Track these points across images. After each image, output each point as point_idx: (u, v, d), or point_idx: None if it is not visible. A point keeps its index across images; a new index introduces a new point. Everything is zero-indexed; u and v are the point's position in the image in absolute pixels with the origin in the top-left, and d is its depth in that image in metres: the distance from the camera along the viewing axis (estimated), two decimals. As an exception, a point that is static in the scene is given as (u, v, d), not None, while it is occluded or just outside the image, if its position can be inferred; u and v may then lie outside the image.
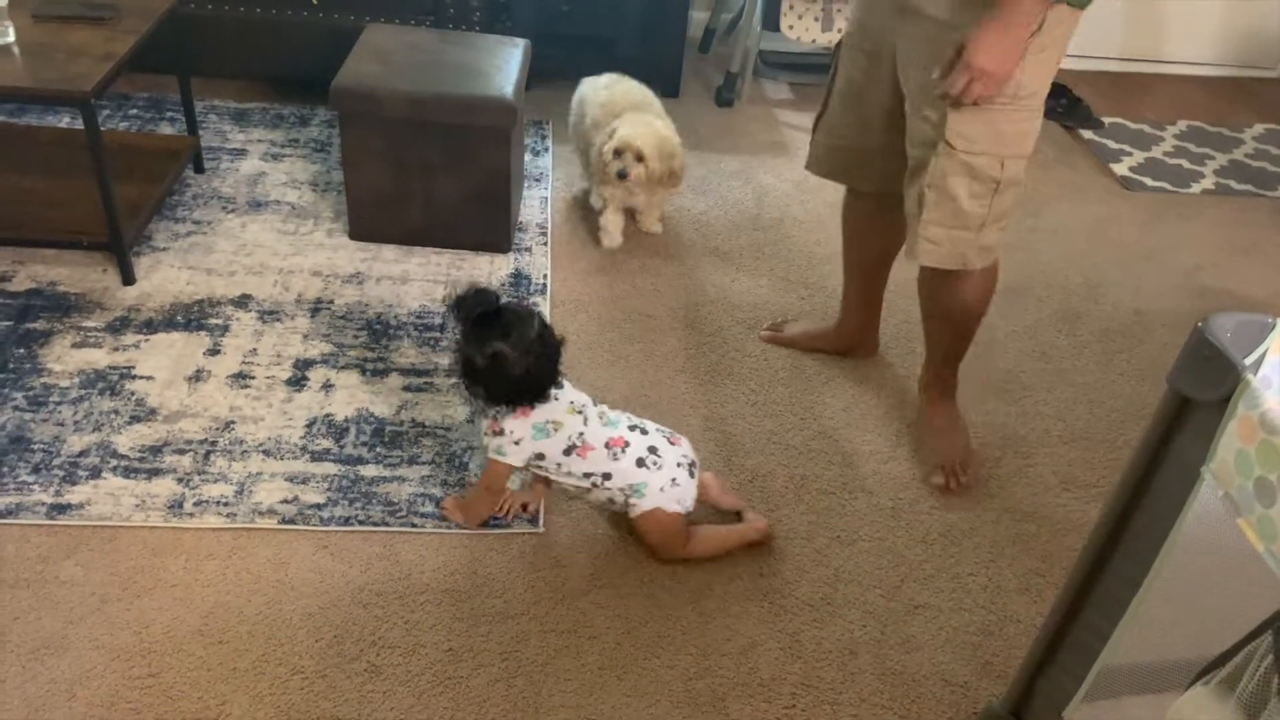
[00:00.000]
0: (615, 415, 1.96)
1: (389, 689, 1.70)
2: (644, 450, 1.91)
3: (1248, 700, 1.08)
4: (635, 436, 1.92)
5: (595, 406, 1.94)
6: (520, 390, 1.82)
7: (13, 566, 1.82)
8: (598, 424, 1.90)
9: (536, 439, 1.85)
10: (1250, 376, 1.11)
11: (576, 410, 1.89)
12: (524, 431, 1.85)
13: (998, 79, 1.76)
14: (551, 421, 1.85)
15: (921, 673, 1.82)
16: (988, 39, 1.72)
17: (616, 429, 1.92)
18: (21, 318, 2.35)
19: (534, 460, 1.88)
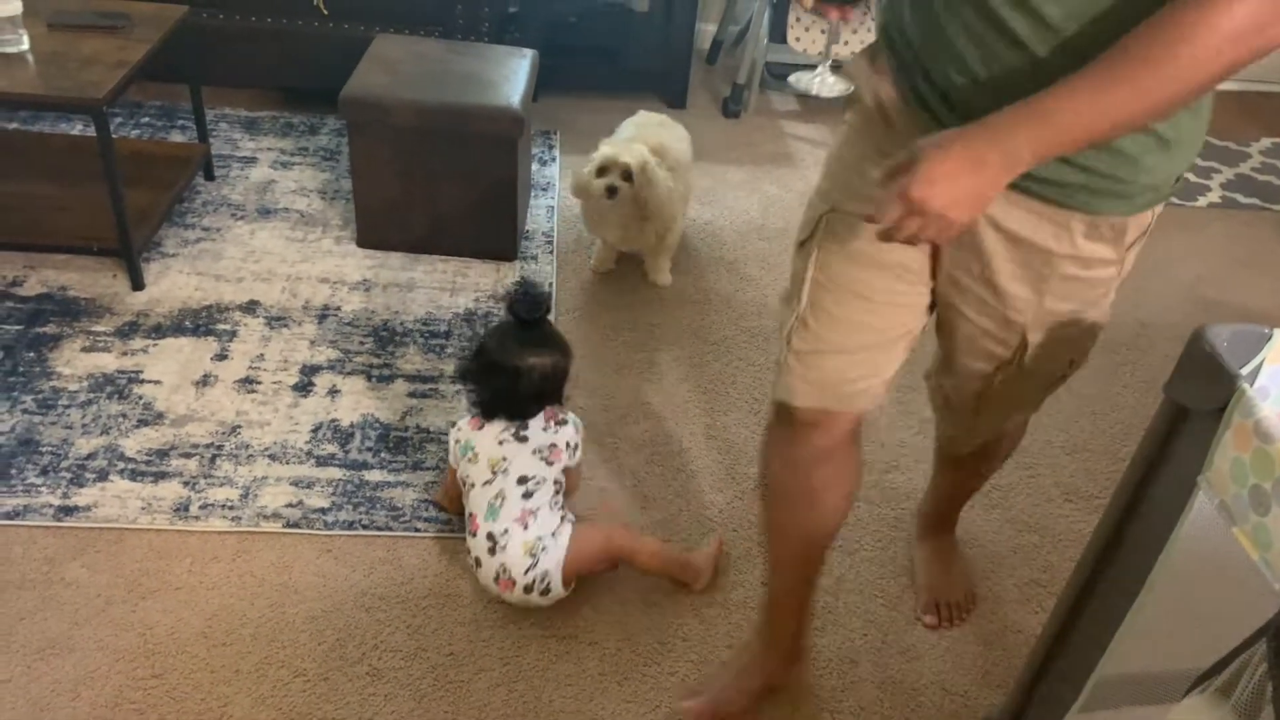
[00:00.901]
0: (509, 508, 1.80)
1: (390, 692, 1.71)
2: (484, 541, 1.81)
3: (1243, 708, 1.08)
4: (483, 539, 1.80)
5: (513, 486, 1.81)
6: (494, 404, 1.85)
7: (19, 567, 1.84)
8: (486, 495, 1.81)
9: (461, 453, 1.88)
10: (1246, 386, 1.12)
11: (493, 469, 1.83)
12: (462, 436, 1.89)
13: (949, 227, 1.12)
14: (472, 450, 1.86)
15: (922, 682, 1.83)
16: (948, 165, 1.08)
17: (487, 516, 1.80)
18: (32, 322, 2.38)
19: (463, 478, 1.90)
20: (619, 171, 2.51)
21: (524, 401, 1.85)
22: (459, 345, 2.48)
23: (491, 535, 1.80)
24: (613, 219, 2.62)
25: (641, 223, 2.61)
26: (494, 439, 1.84)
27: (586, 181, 2.54)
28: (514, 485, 1.81)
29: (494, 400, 1.85)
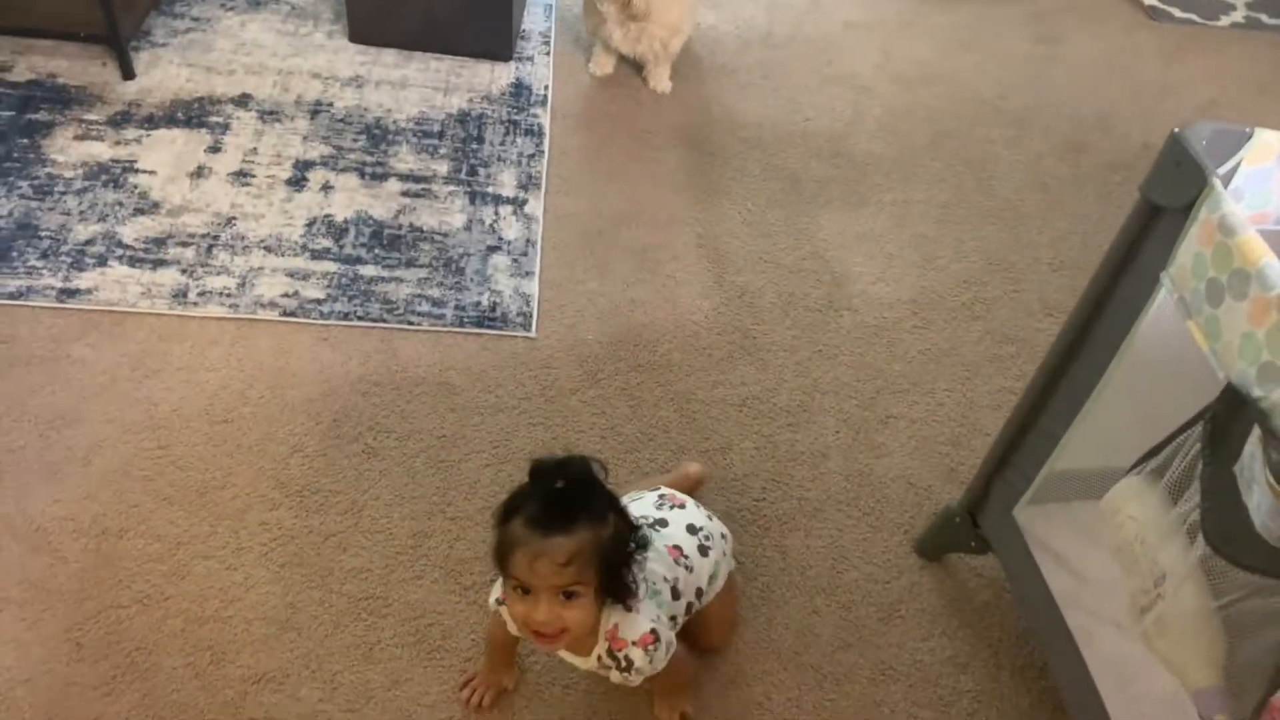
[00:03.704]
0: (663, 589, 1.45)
1: (384, 469, 1.80)
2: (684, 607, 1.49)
3: (1173, 485, 1.16)
4: (686, 537, 1.53)
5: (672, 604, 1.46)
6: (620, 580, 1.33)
7: (27, 345, 1.90)
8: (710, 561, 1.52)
9: (665, 607, 1.43)
10: (1215, 181, 1.13)
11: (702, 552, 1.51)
12: (653, 613, 1.39)
13: None
14: (650, 584, 1.42)
15: (889, 476, 1.92)
16: None
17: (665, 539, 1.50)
18: (24, 108, 2.36)
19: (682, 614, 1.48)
20: None
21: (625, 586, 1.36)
22: (452, 147, 2.46)
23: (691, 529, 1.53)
24: (613, 18, 2.55)
25: (641, 23, 2.54)
26: (661, 572, 1.46)
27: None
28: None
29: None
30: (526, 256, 2.22)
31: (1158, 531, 1.16)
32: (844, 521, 1.84)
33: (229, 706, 1.49)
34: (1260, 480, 1.02)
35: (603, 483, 1.30)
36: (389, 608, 1.62)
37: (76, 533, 1.65)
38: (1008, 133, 2.80)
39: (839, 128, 2.72)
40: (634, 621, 1.35)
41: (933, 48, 3.09)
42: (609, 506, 1.29)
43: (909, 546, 1.82)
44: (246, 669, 1.53)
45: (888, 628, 1.71)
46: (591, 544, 1.24)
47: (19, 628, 1.53)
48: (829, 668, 1.64)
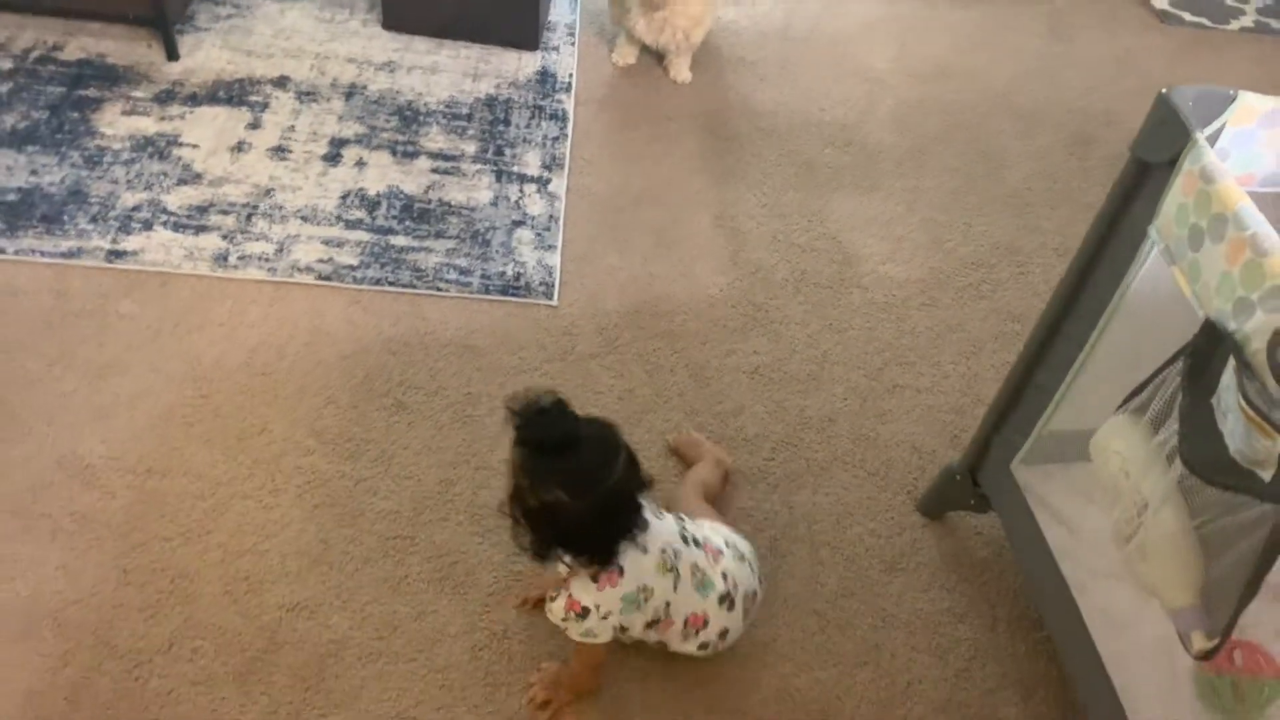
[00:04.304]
0: (703, 562, 1.53)
1: (413, 421, 1.90)
2: (717, 630, 1.56)
3: (1155, 418, 1.23)
4: (716, 610, 1.54)
5: (686, 548, 1.52)
6: (581, 543, 1.39)
7: (77, 299, 2.01)
8: (688, 587, 1.51)
9: (625, 613, 1.45)
10: (1197, 135, 1.21)
11: (668, 569, 1.48)
12: (612, 605, 1.43)
13: None
14: (643, 589, 1.45)
15: (894, 440, 2.00)
16: None
17: (702, 598, 1.52)
18: (74, 85, 2.48)
19: (618, 630, 1.48)
20: None
21: (616, 531, 1.41)
22: (480, 128, 2.56)
23: (725, 597, 1.55)
24: (638, 9, 2.66)
25: (669, 13, 2.64)
26: (643, 559, 1.45)
27: None
28: (687, 548, 1.53)
29: (611, 539, 1.41)
30: (550, 231, 2.31)
31: (1140, 462, 1.24)
32: (850, 481, 1.92)
33: (265, 631, 1.58)
34: (1234, 408, 1.10)
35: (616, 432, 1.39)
36: (416, 546, 1.71)
37: (123, 471, 1.75)
38: (1018, 126, 2.88)
39: (853, 118, 2.81)
40: (585, 588, 1.41)
41: (947, 44, 3.17)
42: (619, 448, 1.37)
43: (912, 505, 1.90)
44: (281, 598, 1.62)
45: (889, 579, 1.78)
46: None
47: (70, 555, 1.63)
48: (832, 614, 1.72)
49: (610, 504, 1.37)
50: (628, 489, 1.39)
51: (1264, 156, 1.34)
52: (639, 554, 1.43)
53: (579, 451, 1.33)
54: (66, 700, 1.47)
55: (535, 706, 1.54)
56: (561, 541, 1.37)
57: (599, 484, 1.34)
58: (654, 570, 1.46)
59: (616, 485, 1.36)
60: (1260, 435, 1.06)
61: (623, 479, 1.36)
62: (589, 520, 1.34)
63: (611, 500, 1.36)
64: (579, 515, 1.33)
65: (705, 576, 1.53)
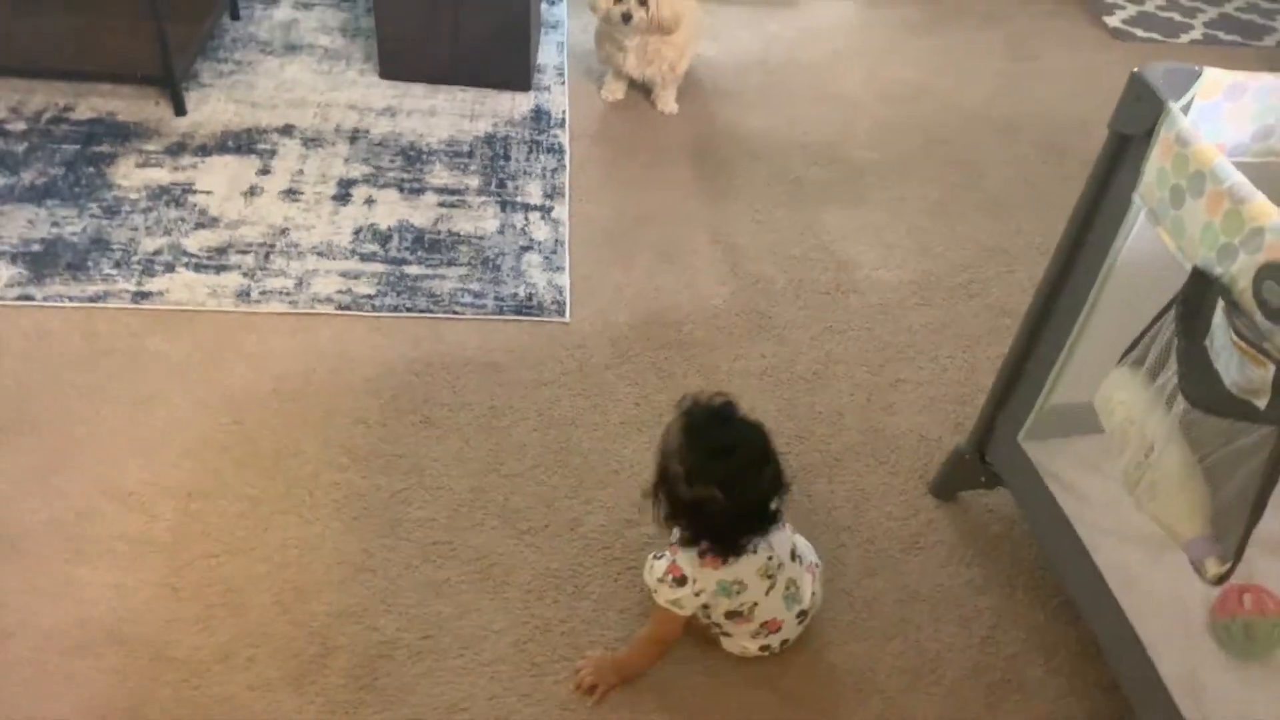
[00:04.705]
0: (802, 578, 1.63)
1: (441, 435, 1.97)
2: (782, 638, 1.65)
3: (1153, 366, 1.33)
4: (792, 622, 1.63)
5: (789, 562, 1.60)
6: (711, 535, 1.49)
7: (107, 340, 2.08)
8: (779, 597, 1.59)
9: (718, 595, 1.54)
10: (1170, 104, 1.33)
11: (767, 575, 1.56)
12: (708, 584, 1.52)
13: None
14: (738, 582, 1.53)
15: (900, 430, 2.09)
16: None
17: (787, 609, 1.61)
18: (87, 142, 2.57)
19: (699, 611, 1.58)
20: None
21: (749, 528, 1.51)
22: (481, 164, 2.67)
23: (803, 613, 1.65)
24: (629, 44, 2.80)
25: (659, 46, 2.78)
26: (749, 558, 1.53)
27: (606, 8, 2.71)
28: (791, 563, 1.61)
29: (741, 534, 1.51)
30: (556, 254, 2.41)
31: (1143, 408, 1.33)
32: (863, 470, 2.00)
33: (315, 636, 1.63)
34: (1227, 345, 1.19)
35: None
36: (454, 551, 1.77)
37: (165, 495, 1.80)
38: (993, 138, 3.02)
39: (834, 138, 2.95)
40: (690, 560, 1.51)
41: (916, 69, 3.33)
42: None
43: (924, 489, 1.98)
44: (329, 605, 1.67)
45: (909, 558, 1.86)
46: None
47: (121, 575, 1.68)
48: (858, 592, 1.79)
49: (753, 506, 1.48)
50: (770, 492, 1.50)
51: (1230, 128, 1.45)
52: (748, 552, 1.52)
53: (737, 455, 1.46)
54: (128, 711, 1.51)
55: (583, 691, 1.59)
56: (697, 528, 1.49)
57: (749, 486, 1.46)
58: (754, 572, 1.54)
59: (763, 490, 1.48)
60: (1254, 365, 1.15)
61: (769, 483, 1.49)
62: (730, 517, 1.46)
63: (755, 503, 1.48)
64: (724, 511, 1.44)
65: (798, 591, 1.62)
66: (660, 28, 2.75)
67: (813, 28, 3.49)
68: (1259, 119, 1.44)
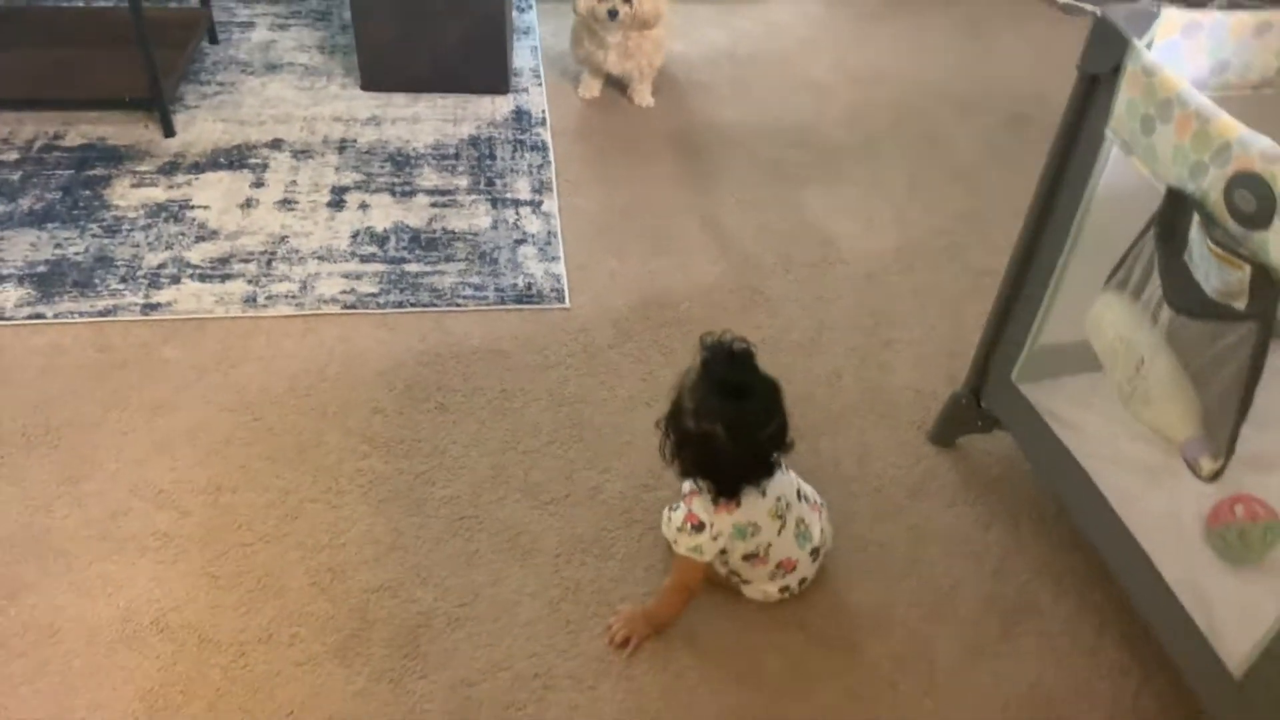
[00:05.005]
0: (809, 516, 1.70)
1: (456, 420, 2.02)
2: (799, 577, 1.72)
3: (1135, 286, 1.42)
4: (806, 560, 1.70)
5: (797, 502, 1.68)
6: (716, 473, 1.55)
7: (121, 352, 2.12)
8: (790, 535, 1.66)
9: (734, 538, 1.60)
10: (1134, 40, 1.42)
11: (778, 515, 1.63)
12: (724, 527, 1.58)
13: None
14: (752, 524, 1.60)
15: (896, 386, 2.17)
16: None
17: (799, 547, 1.67)
18: (81, 167, 2.61)
19: (717, 558, 1.64)
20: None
21: (754, 472, 1.58)
22: (469, 165, 2.74)
23: (815, 551, 1.72)
24: (611, 40, 2.89)
25: (638, 40, 2.88)
26: (760, 501, 1.60)
27: (591, 6, 2.81)
28: (798, 503, 1.69)
29: (740, 480, 1.57)
30: (550, 245, 2.48)
31: (1131, 324, 1.42)
32: (864, 425, 2.08)
33: (355, 612, 1.68)
34: (1205, 254, 1.28)
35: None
36: (481, 524, 1.83)
37: (194, 491, 1.85)
38: (957, 113, 3.14)
39: (808, 121, 3.05)
40: (705, 507, 1.58)
41: (879, 53, 3.45)
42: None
43: (924, 438, 2.06)
44: (365, 582, 1.72)
45: (916, 502, 1.94)
46: None
47: (160, 569, 1.72)
48: (870, 535, 1.86)
49: (753, 452, 1.54)
50: (772, 446, 1.56)
51: (1190, 63, 1.55)
52: (758, 496, 1.59)
53: (748, 400, 1.51)
54: (181, 693, 1.55)
55: (617, 644, 1.65)
56: (698, 464, 1.54)
57: (752, 433, 1.51)
58: (766, 514, 1.61)
59: (765, 439, 1.53)
60: (1231, 269, 1.24)
61: (772, 436, 1.54)
62: (731, 458, 1.51)
63: (756, 450, 1.54)
64: (725, 451, 1.49)
65: (808, 529, 1.69)
66: (643, 23, 2.85)
67: (778, 21, 3.60)
68: (1214, 54, 1.54)
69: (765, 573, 1.67)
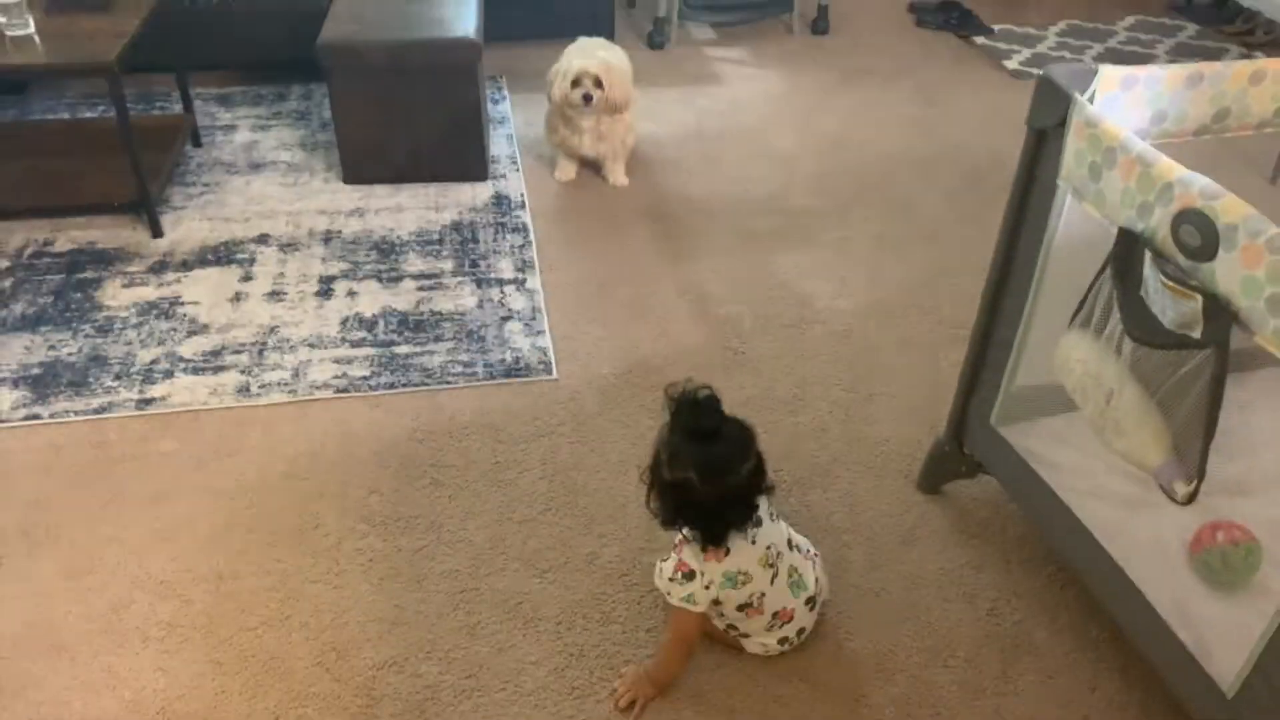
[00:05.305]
0: (802, 565, 1.73)
1: (452, 494, 2.06)
2: (797, 628, 1.74)
3: (1097, 323, 1.49)
4: (802, 609, 1.73)
5: (788, 551, 1.70)
6: (698, 519, 1.57)
7: (118, 446, 2.15)
8: (783, 584, 1.68)
9: (725, 587, 1.61)
10: (1077, 95, 1.52)
11: (769, 564, 1.65)
12: (714, 575, 1.59)
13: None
14: (742, 573, 1.61)
15: (881, 437, 2.23)
16: None
17: (794, 596, 1.70)
18: (71, 270, 2.67)
19: (712, 608, 1.65)
20: (591, 80, 2.90)
21: (735, 518, 1.59)
22: (452, 249, 2.82)
23: (811, 600, 1.74)
24: (585, 124, 3.00)
25: (610, 124, 3.00)
26: (749, 549, 1.62)
27: (565, 93, 2.92)
28: (790, 552, 1.72)
29: (724, 524, 1.59)
30: (535, 320, 2.55)
31: (1097, 360, 1.48)
32: (852, 477, 2.13)
33: (362, 690, 1.69)
34: (1159, 288, 1.36)
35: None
36: (481, 596, 1.85)
37: (196, 579, 1.86)
38: (918, 175, 3.26)
39: (776, 190, 3.16)
40: (695, 555, 1.60)
41: (840, 123, 3.59)
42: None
43: (911, 487, 2.11)
44: (369, 660, 1.73)
45: (908, 549, 1.97)
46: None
47: (164, 659, 1.72)
48: (867, 584, 1.90)
49: (730, 496, 1.55)
50: (749, 488, 1.57)
51: (1131, 115, 1.65)
52: (746, 544, 1.61)
53: (717, 444, 1.53)
54: (190, 781, 1.55)
55: (622, 707, 1.66)
56: (680, 511, 1.56)
57: (726, 476, 1.53)
58: (756, 562, 1.63)
59: (740, 482, 1.55)
60: (1184, 300, 1.32)
61: (747, 479, 1.56)
62: (709, 504, 1.53)
63: (733, 493, 1.55)
64: (702, 497, 1.52)
65: (801, 578, 1.71)
66: (614, 107, 2.97)
67: (740, 99, 3.75)
68: (1153, 104, 1.64)
69: (762, 624, 1.69)
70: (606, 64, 2.95)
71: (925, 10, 4.45)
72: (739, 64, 4.02)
